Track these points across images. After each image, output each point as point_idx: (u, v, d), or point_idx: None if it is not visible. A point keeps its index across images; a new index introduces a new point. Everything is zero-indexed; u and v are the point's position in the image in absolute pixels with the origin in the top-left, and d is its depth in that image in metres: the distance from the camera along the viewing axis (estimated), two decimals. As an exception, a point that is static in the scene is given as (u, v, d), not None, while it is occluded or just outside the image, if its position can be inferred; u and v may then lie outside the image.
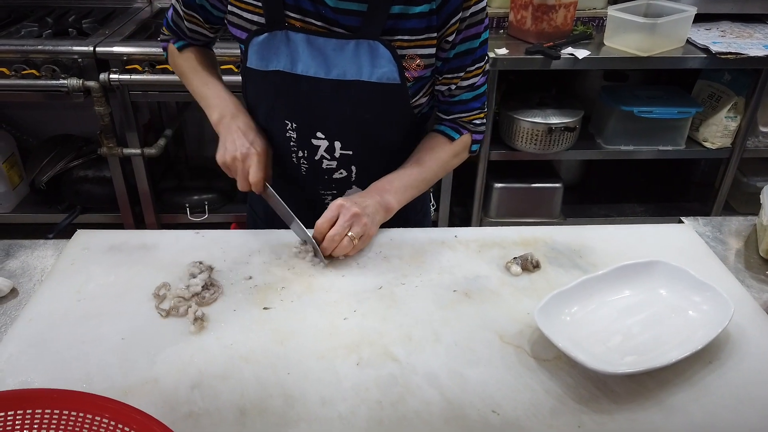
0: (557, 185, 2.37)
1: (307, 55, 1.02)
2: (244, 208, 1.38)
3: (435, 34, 1.03)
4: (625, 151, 2.27)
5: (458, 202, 2.49)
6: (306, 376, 0.80)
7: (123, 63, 2.03)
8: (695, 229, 1.14)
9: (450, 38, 1.04)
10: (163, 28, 1.24)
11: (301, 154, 1.14)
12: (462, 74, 1.09)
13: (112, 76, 2.00)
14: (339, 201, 1.03)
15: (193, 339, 0.86)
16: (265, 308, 0.92)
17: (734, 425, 0.75)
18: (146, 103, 2.49)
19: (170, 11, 1.19)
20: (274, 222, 1.15)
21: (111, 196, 2.33)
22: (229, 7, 1.05)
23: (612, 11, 2.07)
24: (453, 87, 1.11)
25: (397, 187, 1.10)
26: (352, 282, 0.98)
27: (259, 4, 1.01)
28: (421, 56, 1.04)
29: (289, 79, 1.04)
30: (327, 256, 1.02)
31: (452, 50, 1.05)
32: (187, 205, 2.39)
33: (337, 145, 1.12)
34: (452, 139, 1.16)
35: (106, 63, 2.04)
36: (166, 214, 2.41)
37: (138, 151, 2.19)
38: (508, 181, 2.35)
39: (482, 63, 1.10)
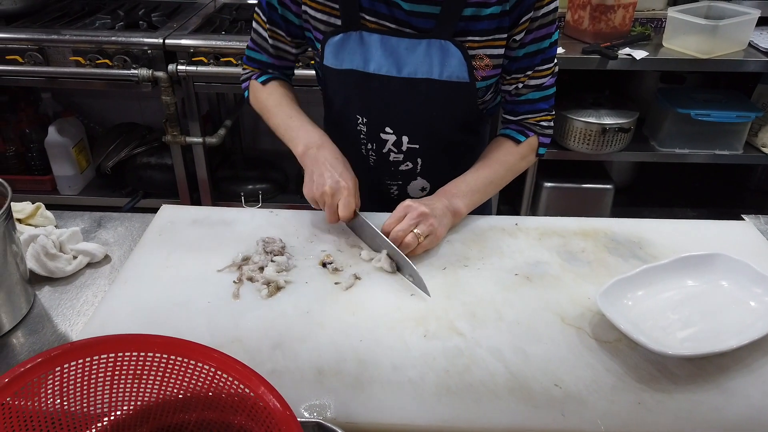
0: (608, 186, 2.36)
1: (380, 55, 1.05)
2: (296, 198, 1.43)
3: (504, 35, 1.04)
4: (680, 155, 2.25)
5: (505, 201, 2.51)
6: (377, 343, 0.85)
7: (189, 55, 2.12)
8: (756, 227, 1.15)
9: (518, 37, 1.04)
10: (244, 65, 1.24)
11: (370, 146, 1.19)
12: (530, 72, 1.09)
13: (179, 67, 2.10)
14: (407, 201, 1.04)
15: (272, 305, 0.92)
16: (336, 283, 0.97)
17: (795, 411, 0.77)
18: (206, 95, 2.59)
19: (249, 42, 1.20)
20: None
21: (171, 182, 2.43)
22: (303, 7, 1.08)
23: (672, 12, 2.06)
24: (520, 86, 1.11)
25: (465, 191, 1.10)
26: (417, 263, 1.02)
27: (336, 6, 1.05)
28: (490, 56, 1.05)
29: (361, 77, 1.08)
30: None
31: (521, 49, 1.06)
32: (242, 194, 2.49)
33: (405, 139, 1.16)
34: (518, 142, 1.15)
35: (173, 54, 2.14)
36: (222, 202, 2.50)
37: (199, 139, 2.29)
38: (558, 180, 2.36)
39: (551, 64, 1.10)
